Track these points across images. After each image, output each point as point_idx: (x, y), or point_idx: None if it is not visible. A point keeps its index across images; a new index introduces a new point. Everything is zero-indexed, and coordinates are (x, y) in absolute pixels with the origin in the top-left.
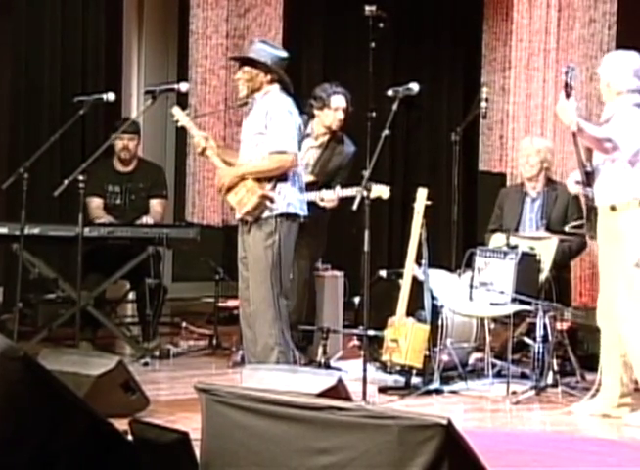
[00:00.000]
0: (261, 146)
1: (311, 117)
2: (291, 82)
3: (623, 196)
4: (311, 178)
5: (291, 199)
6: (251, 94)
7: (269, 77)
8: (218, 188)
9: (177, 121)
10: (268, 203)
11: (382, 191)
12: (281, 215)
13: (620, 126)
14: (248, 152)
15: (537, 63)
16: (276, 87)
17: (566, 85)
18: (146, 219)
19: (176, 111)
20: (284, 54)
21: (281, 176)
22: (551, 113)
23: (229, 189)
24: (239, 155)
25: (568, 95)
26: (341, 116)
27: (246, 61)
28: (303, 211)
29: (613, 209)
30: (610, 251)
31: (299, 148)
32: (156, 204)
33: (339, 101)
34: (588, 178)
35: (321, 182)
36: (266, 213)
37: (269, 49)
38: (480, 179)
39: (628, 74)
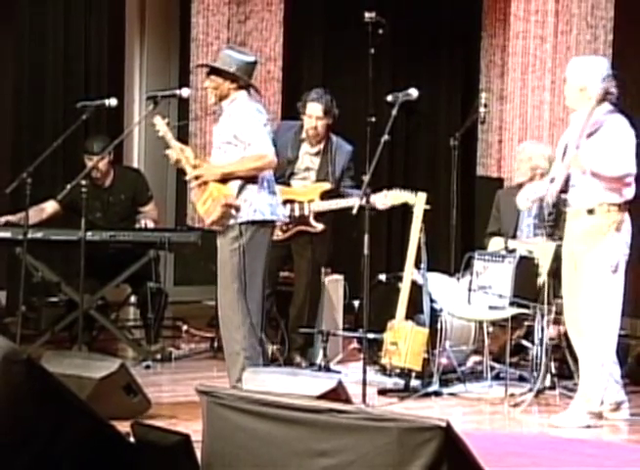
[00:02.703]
0: (229, 154)
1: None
2: (258, 88)
3: (603, 201)
4: (324, 185)
5: (258, 205)
6: (219, 101)
7: (235, 84)
8: (193, 177)
9: (158, 131)
10: (233, 211)
11: (408, 197)
12: (246, 222)
13: (618, 145)
14: (218, 158)
15: (535, 68)
16: (243, 93)
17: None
18: (144, 222)
19: (158, 121)
20: (251, 59)
21: (249, 181)
22: (548, 117)
23: (201, 186)
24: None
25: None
26: (313, 123)
27: (211, 70)
28: (276, 216)
29: (590, 212)
30: (580, 255)
31: (295, 151)
32: (148, 210)
33: (312, 109)
34: (565, 183)
35: (335, 188)
36: (231, 221)
37: (235, 55)
38: (479, 184)
39: (601, 80)
